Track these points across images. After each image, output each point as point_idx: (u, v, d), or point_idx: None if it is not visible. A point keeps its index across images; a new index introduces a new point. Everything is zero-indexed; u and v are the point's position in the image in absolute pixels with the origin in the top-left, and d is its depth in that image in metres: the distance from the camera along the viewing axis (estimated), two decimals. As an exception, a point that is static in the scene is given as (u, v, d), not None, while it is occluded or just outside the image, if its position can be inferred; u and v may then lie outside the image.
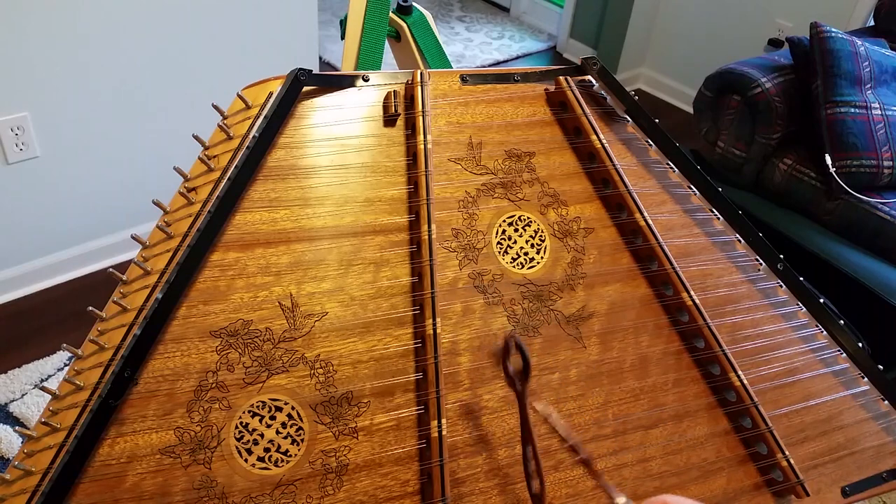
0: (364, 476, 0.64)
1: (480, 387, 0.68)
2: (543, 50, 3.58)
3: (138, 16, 1.80)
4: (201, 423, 0.60)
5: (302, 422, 0.63)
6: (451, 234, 0.71)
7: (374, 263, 0.68)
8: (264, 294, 0.64)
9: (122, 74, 1.85)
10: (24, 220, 1.88)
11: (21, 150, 1.78)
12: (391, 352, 0.66)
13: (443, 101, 0.73)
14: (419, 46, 1.14)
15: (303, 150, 0.68)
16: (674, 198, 0.80)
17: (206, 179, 0.65)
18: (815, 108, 1.83)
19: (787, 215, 1.85)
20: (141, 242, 0.64)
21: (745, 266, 0.81)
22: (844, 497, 0.79)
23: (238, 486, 0.61)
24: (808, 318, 0.82)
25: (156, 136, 1.98)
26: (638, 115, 0.79)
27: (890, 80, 1.86)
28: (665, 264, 0.75)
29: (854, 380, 0.82)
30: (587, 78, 0.79)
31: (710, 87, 2.02)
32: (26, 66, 1.69)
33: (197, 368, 0.61)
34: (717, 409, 0.76)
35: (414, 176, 0.70)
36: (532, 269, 0.73)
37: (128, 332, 0.60)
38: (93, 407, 0.57)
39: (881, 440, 0.82)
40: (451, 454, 0.66)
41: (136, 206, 1.95)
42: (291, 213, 0.66)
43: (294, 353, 0.64)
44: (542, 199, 0.75)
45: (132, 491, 0.58)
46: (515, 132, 0.76)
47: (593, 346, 0.73)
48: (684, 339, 0.77)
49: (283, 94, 0.66)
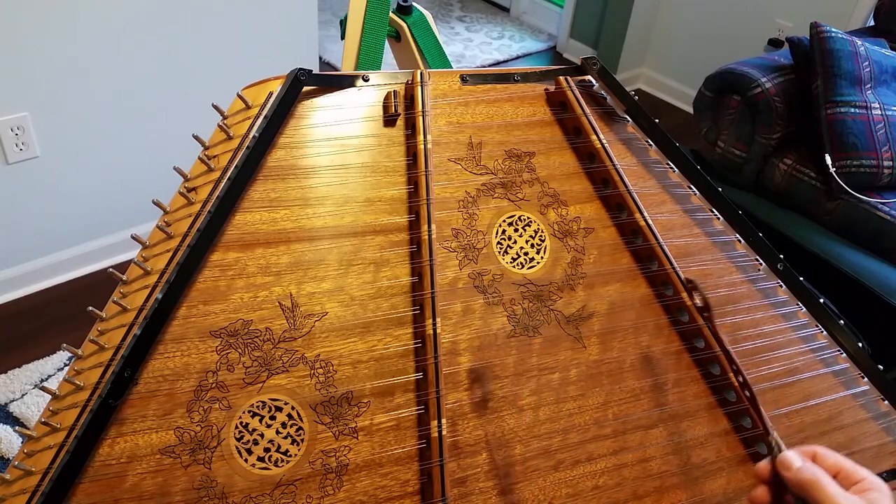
0: (364, 476, 0.64)
1: (480, 387, 0.68)
2: (543, 50, 3.58)
3: (138, 16, 1.80)
4: (201, 423, 0.60)
5: (302, 422, 0.63)
6: (451, 234, 0.71)
7: (374, 263, 0.68)
8: (264, 294, 0.64)
9: (123, 74, 1.85)
10: (24, 220, 1.89)
11: (21, 150, 1.78)
12: (391, 352, 0.66)
13: (443, 101, 0.73)
14: (419, 46, 1.14)
15: (303, 150, 0.68)
16: (674, 198, 0.80)
17: (206, 179, 0.65)
18: (815, 108, 1.83)
19: (787, 215, 1.85)
20: (141, 242, 0.64)
21: (745, 266, 0.81)
22: (844, 497, 0.79)
23: (238, 486, 0.61)
24: (808, 318, 0.82)
25: (156, 136, 1.98)
26: (638, 115, 0.79)
27: (890, 80, 1.86)
28: (665, 264, 0.75)
29: (854, 380, 0.82)
30: (587, 78, 0.79)
31: (710, 87, 2.02)
32: (26, 66, 1.69)
33: (197, 368, 0.61)
34: (717, 409, 0.76)
35: (414, 176, 0.70)
36: (532, 269, 0.73)
37: (128, 332, 0.60)
38: (93, 407, 0.57)
39: (881, 440, 0.82)
40: (451, 454, 0.66)
41: (136, 206, 1.95)
42: (291, 213, 0.66)
43: (294, 353, 0.64)
44: (542, 199, 0.75)
45: (132, 491, 0.58)
46: (515, 132, 0.76)
47: (593, 346, 0.73)
48: (684, 339, 0.77)
49: (283, 94, 0.66)
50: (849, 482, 0.55)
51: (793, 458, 0.55)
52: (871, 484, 0.54)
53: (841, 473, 0.56)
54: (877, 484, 0.54)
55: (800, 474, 0.54)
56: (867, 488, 0.54)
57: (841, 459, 0.56)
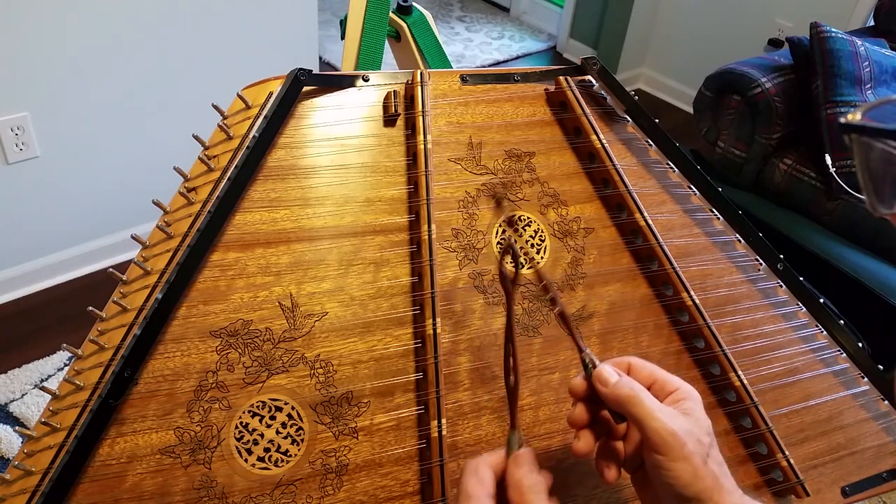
0: (364, 476, 0.64)
1: (480, 387, 0.68)
2: (543, 50, 3.58)
3: (138, 16, 1.80)
4: (201, 423, 0.60)
5: (302, 422, 0.63)
6: (451, 234, 0.71)
7: (374, 263, 0.68)
8: (264, 294, 0.64)
9: (123, 74, 1.85)
10: (24, 220, 1.89)
11: (21, 150, 1.78)
12: (391, 352, 0.66)
13: (443, 101, 0.73)
14: (419, 46, 1.15)
15: (303, 150, 0.68)
16: (674, 198, 0.80)
17: (206, 179, 0.65)
18: (815, 108, 1.83)
19: (787, 215, 1.85)
20: (141, 242, 0.64)
21: (745, 266, 0.81)
22: (844, 497, 0.79)
23: (238, 486, 0.61)
24: (808, 318, 0.82)
25: (156, 136, 1.98)
26: (638, 115, 0.79)
27: (890, 80, 1.86)
28: (665, 264, 0.75)
29: (854, 380, 0.82)
30: (587, 78, 0.79)
31: (710, 87, 2.02)
32: (26, 66, 1.69)
33: (197, 368, 0.61)
34: (717, 409, 0.76)
35: (414, 176, 0.70)
36: (532, 269, 0.73)
37: (128, 332, 0.60)
38: (93, 407, 0.57)
39: (881, 440, 0.82)
40: (451, 454, 0.66)
41: (136, 206, 1.95)
42: (291, 213, 0.66)
43: (294, 353, 0.64)
44: (542, 199, 0.75)
45: (132, 491, 0.58)
46: (515, 132, 0.76)
47: (593, 347, 0.73)
48: (684, 339, 0.77)
49: (283, 94, 0.66)
50: (664, 393, 0.55)
51: (609, 373, 0.55)
52: (685, 393, 0.55)
53: (656, 384, 0.56)
54: (690, 392, 0.55)
55: (616, 389, 0.54)
56: (681, 398, 0.55)
57: (655, 370, 0.57)
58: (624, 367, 0.57)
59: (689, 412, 0.53)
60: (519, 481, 0.52)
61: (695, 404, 0.54)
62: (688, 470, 0.50)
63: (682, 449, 0.50)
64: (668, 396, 0.55)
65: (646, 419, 0.52)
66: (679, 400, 0.54)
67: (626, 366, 0.57)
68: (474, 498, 0.51)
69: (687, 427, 0.52)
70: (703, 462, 0.51)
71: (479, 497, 0.51)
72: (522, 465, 0.53)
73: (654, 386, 0.56)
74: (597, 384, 0.55)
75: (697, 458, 0.51)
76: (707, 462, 0.51)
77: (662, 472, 0.51)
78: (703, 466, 0.51)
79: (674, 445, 0.50)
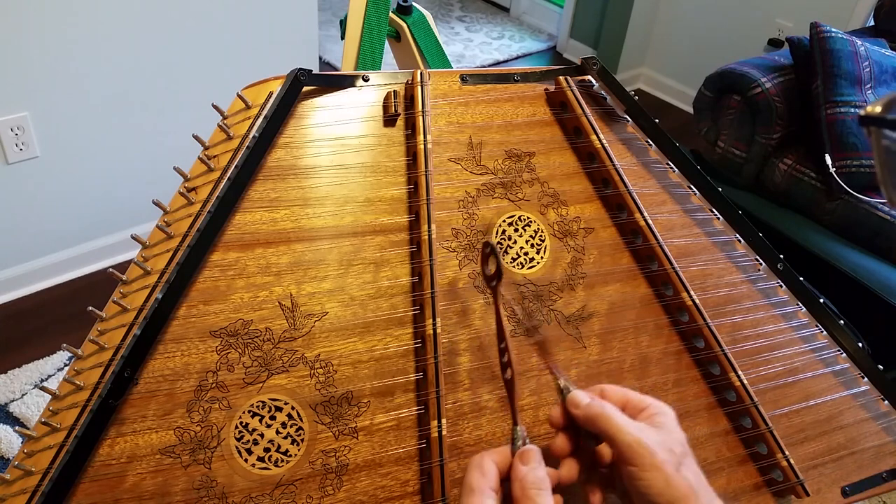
0: (364, 476, 0.64)
1: (480, 387, 0.68)
2: (543, 50, 3.58)
3: (138, 16, 1.80)
4: (201, 423, 0.60)
5: (302, 422, 0.63)
6: (451, 234, 0.71)
7: (374, 263, 0.68)
8: (264, 294, 0.64)
9: (123, 74, 1.85)
10: (24, 220, 1.89)
11: (21, 150, 1.78)
12: (391, 352, 0.67)
13: (443, 101, 0.73)
14: (419, 46, 1.14)
15: (303, 150, 0.68)
16: (674, 198, 0.80)
17: (206, 179, 0.65)
18: (815, 108, 1.83)
19: (787, 215, 1.85)
20: (141, 242, 0.64)
21: (745, 266, 0.81)
22: (844, 497, 0.79)
23: (238, 486, 0.61)
24: (808, 318, 0.82)
25: (156, 136, 1.98)
26: (638, 115, 0.79)
27: (890, 80, 1.86)
28: (665, 264, 0.75)
29: (854, 380, 0.82)
30: (587, 78, 0.79)
31: (710, 87, 2.02)
32: (26, 66, 1.69)
33: (197, 368, 0.61)
34: (717, 409, 0.76)
35: (414, 176, 0.70)
36: (532, 269, 0.73)
37: (128, 332, 0.60)
38: (93, 407, 0.57)
39: (881, 440, 0.82)
40: (451, 454, 0.66)
41: (136, 206, 1.95)
42: (291, 213, 0.66)
43: (294, 353, 0.64)
44: (542, 199, 0.75)
45: (132, 491, 0.58)
46: (515, 132, 0.76)
47: (593, 347, 0.73)
48: (684, 339, 0.77)
49: (283, 94, 0.66)
50: (636, 411, 0.56)
51: (581, 397, 0.56)
52: (657, 409, 0.56)
53: (629, 405, 0.57)
54: (661, 408, 0.56)
55: (588, 409, 0.55)
56: (653, 413, 0.56)
57: (628, 392, 0.58)
58: (597, 392, 0.58)
59: (661, 425, 0.55)
60: (524, 477, 0.52)
61: (666, 418, 0.56)
62: (659, 478, 0.51)
63: (652, 458, 0.51)
64: (640, 413, 0.56)
65: (616, 433, 0.53)
66: (651, 415, 0.56)
67: (599, 391, 0.59)
68: (477, 491, 0.51)
69: (656, 438, 0.53)
70: (676, 470, 0.52)
71: (482, 490, 0.51)
72: (528, 461, 0.53)
73: (628, 406, 0.57)
74: (570, 407, 0.56)
75: (669, 466, 0.52)
76: (680, 470, 0.52)
77: (636, 483, 0.52)
78: (676, 474, 0.52)
79: (644, 455, 0.52)
